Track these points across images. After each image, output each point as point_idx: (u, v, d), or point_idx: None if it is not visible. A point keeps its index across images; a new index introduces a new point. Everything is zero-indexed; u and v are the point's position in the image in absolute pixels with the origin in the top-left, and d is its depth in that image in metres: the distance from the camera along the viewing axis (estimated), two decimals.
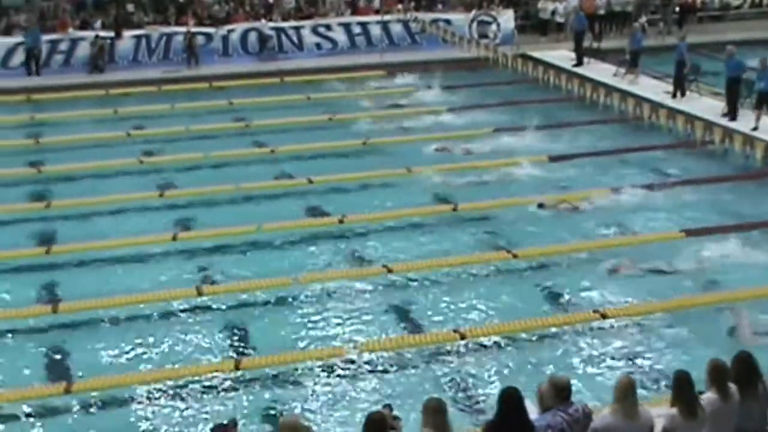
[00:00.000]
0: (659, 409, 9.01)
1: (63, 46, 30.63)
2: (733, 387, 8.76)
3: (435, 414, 8.29)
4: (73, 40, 30.68)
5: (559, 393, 8.57)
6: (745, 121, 22.85)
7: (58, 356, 13.50)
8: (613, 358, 12.98)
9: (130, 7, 32.91)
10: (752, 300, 14.47)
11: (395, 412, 9.42)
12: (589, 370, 12.66)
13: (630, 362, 12.86)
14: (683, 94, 25.70)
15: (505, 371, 12.59)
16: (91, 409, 12.05)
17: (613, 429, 8.48)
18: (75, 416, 11.95)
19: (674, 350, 13.09)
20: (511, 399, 8.29)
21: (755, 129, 22.05)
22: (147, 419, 11.84)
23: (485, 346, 13.30)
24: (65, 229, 18.15)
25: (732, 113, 23.28)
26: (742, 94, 23.94)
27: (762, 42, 31.44)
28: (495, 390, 8.97)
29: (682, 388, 8.60)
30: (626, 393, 8.54)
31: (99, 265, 16.53)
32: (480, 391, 12.19)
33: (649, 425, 8.64)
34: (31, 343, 13.89)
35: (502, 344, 13.35)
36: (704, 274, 15.65)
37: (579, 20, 30.67)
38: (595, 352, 13.15)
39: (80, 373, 12.87)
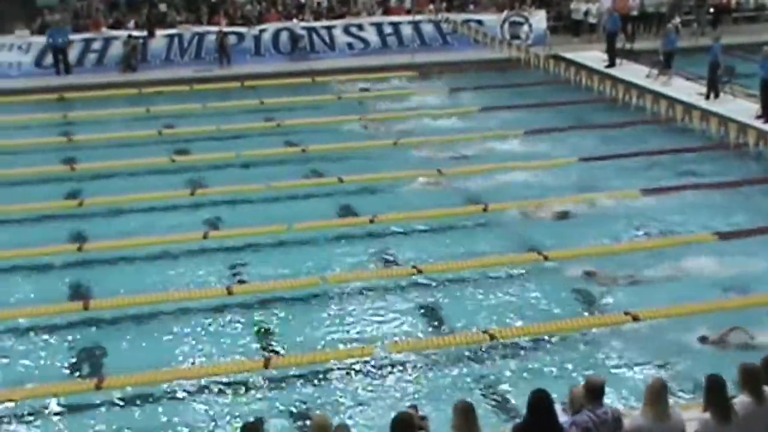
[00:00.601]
0: (692, 413, 8.94)
1: (96, 46, 30.84)
2: (767, 390, 8.67)
3: (464, 415, 8.30)
4: (106, 40, 30.88)
5: (591, 392, 8.57)
6: None
7: (89, 353, 13.59)
8: (643, 361, 12.88)
9: (163, 7, 33.06)
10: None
11: (422, 412, 9.39)
12: (619, 372, 12.57)
13: (660, 365, 12.75)
14: (717, 96, 25.45)
15: (535, 373, 12.53)
16: (122, 406, 12.12)
17: (645, 429, 8.47)
18: (105, 413, 12.02)
19: (705, 354, 12.98)
20: (540, 401, 8.32)
21: None
22: (176, 417, 11.90)
23: (515, 348, 13.25)
24: (97, 226, 18.28)
25: (767, 115, 22.95)
26: None
27: None
28: (524, 391, 8.93)
29: (715, 391, 8.52)
30: (658, 395, 8.52)
31: (130, 263, 16.65)
32: (509, 392, 12.13)
33: (681, 428, 8.60)
34: (62, 339, 13.99)
35: (532, 345, 13.30)
36: (737, 278, 15.53)
37: (613, 21, 30.43)
38: (625, 355, 13.07)
39: (111, 370, 12.97)
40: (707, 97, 25.41)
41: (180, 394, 12.31)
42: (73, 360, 13.42)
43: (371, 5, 34.35)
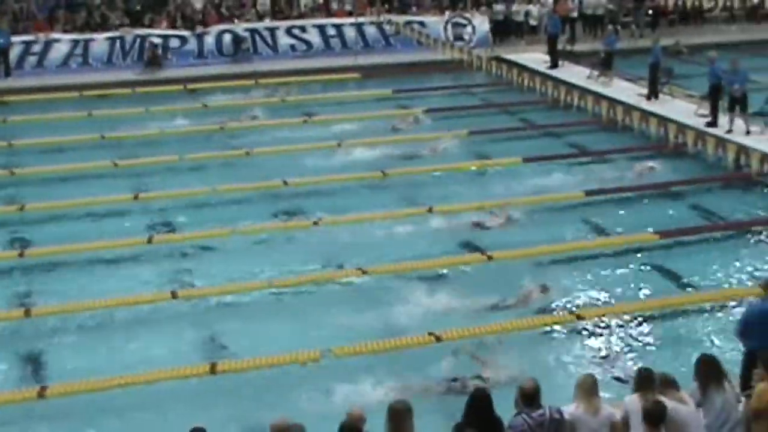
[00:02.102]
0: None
1: (36, 48, 30.45)
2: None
3: (400, 416, 8.38)
4: (47, 42, 30.51)
5: (524, 397, 8.74)
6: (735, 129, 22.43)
7: (31, 360, 13.44)
8: (587, 360, 13.04)
9: (104, 9, 32.75)
10: (723, 301, 14.61)
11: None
12: (563, 371, 12.69)
13: (604, 363, 12.91)
14: (656, 97, 25.80)
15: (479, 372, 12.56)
16: (66, 414, 11.99)
17: (577, 421, 8.85)
18: (48, 420, 11.88)
19: (649, 351, 13.20)
20: (479, 400, 8.68)
21: (729, 132, 22.13)
22: (121, 425, 11.80)
23: (460, 348, 13.30)
24: (39, 232, 18.06)
25: (713, 119, 23.01)
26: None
27: (733, 45, 31.83)
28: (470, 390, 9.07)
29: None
30: (588, 389, 8.96)
31: (73, 268, 16.48)
32: (452, 394, 12.12)
33: (611, 421, 8.94)
34: (4, 347, 13.81)
35: (477, 346, 13.34)
36: (677, 276, 15.81)
37: (554, 23, 30.77)
38: (570, 354, 13.21)
39: (54, 378, 12.83)
40: (649, 97, 25.72)
41: (125, 402, 12.19)
42: (15, 368, 13.24)
43: (313, 11, 34.30)
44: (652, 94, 25.76)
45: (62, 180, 20.95)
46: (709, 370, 9.25)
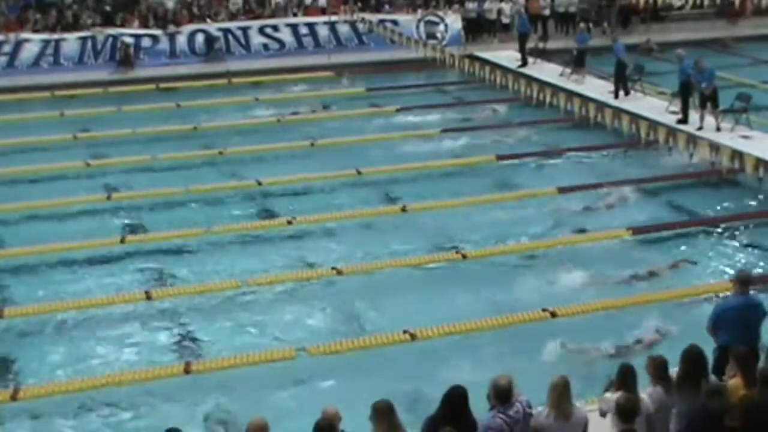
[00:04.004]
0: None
1: (6, 48, 30.23)
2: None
3: (385, 415, 8.38)
4: (18, 42, 30.30)
5: (498, 395, 8.69)
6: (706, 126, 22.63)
7: (4, 362, 13.36)
8: (560, 358, 13.07)
9: (75, 9, 32.56)
10: (696, 296, 14.70)
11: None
12: (536, 369, 12.73)
13: (578, 361, 12.96)
14: (627, 94, 25.92)
15: (457, 369, 12.56)
16: (40, 416, 11.93)
17: (547, 429, 8.67)
18: (22, 423, 11.83)
19: (621, 347, 13.25)
20: (457, 397, 8.58)
21: (700, 129, 22.29)
22: (95, 425, 11.76)
23: (436, 347, 13.33)
24: (11, 233, 17.98)
25: (684, 117, 23.19)
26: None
27: (702, 43, 32.08)
28: (440, 387, 9.03)
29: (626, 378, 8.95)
30: (561, 393, 8.73)
31: (46, 269, 16.39)
32: (426, 390, 12.12)
33: (583, 423, 8.86)
34: None
35: (454, 344, 13.39)
36: (653, 272, 15.89)
37: (522, 22, 30.90)
38: (543, 351, 13.25)
39: (27, 380, 12.76)
40: (615, 95, 25.84)
41: (98, 403, 12.15)
42: None
43: (286, 7, 34.22)
44: (618, 92, 25.79)
45: (34, 180, 20.83)
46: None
